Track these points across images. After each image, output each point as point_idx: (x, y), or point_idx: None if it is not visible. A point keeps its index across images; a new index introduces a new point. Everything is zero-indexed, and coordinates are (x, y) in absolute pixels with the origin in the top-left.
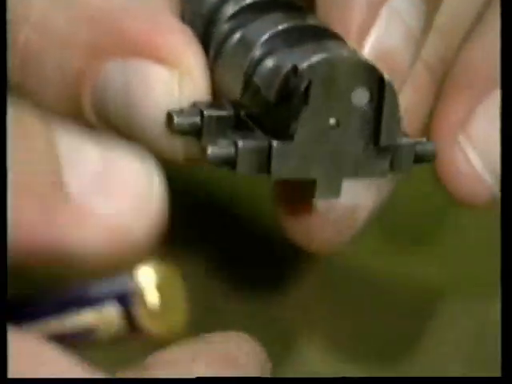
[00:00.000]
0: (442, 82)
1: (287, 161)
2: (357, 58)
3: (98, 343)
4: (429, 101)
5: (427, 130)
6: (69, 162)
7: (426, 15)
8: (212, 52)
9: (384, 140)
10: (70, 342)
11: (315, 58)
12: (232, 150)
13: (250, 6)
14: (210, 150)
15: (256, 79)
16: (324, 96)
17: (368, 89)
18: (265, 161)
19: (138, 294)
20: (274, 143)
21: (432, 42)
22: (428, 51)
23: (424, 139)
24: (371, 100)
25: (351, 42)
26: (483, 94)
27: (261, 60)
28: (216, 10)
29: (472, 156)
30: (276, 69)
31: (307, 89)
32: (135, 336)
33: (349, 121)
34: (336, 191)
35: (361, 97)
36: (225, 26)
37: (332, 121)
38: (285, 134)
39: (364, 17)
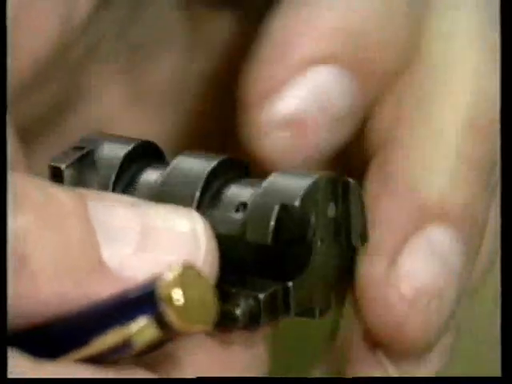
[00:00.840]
0: None
1: (300, 297)
2: (326, 175)
3: (136, 353)
4: None
5: None
6: (106, 238)
7: None
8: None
9: (357, 241)
10: (111, 359)
11: (301, 192)
12: (253, 304)
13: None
14: (239, 313)
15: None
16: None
17: (334, 199)
18: (281, 304)
19: (164, 294)
20: (290, 284)
21: None
22: None
23: None
24: (337, 208)
25: None
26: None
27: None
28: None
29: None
30: (256, 211)
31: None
32: (169, 337)
33: (328, 234)
34: (329, 306)
35: (331, 209)
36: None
37: (318, 240)
38: (293, 274)
39: None
